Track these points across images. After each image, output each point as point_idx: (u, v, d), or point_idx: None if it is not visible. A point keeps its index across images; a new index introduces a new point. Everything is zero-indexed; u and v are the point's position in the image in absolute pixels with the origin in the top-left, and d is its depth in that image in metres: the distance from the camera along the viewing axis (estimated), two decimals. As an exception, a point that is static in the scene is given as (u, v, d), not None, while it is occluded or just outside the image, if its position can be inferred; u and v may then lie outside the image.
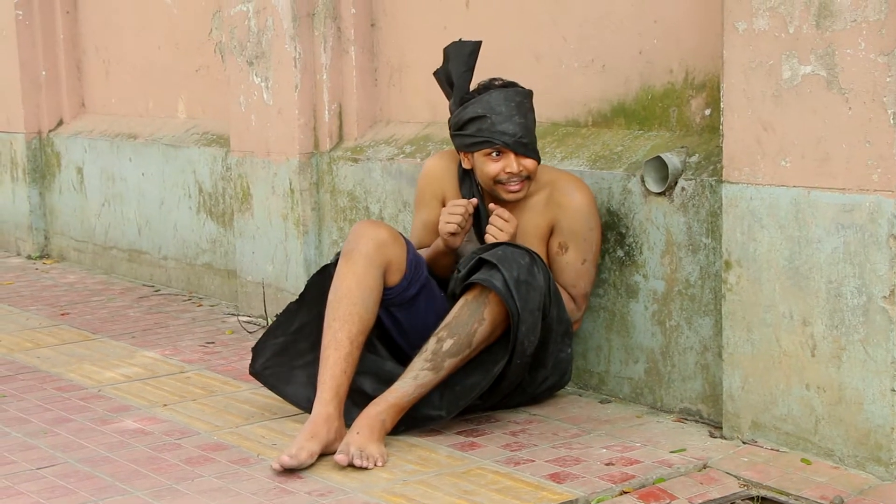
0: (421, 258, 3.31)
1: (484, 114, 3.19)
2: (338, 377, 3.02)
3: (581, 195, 3.27)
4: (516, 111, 3.20)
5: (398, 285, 3.20)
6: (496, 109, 3.18)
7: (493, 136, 3.18)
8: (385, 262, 3.16)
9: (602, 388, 3.47)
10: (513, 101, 3.20)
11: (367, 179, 4.25)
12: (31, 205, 6.37)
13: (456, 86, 3.28)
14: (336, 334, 3.06)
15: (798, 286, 2.82)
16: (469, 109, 3.21)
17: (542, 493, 2.71)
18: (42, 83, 6.28)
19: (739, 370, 2.97)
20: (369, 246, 3.13)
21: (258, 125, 4.60)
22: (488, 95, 3.21)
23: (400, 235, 3.23)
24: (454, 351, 3.03)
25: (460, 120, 3.24)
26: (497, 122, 3.18)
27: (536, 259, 3.09)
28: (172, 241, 5.37)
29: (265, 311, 4.59)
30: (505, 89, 3.23)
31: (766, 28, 2.82)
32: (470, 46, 3.29)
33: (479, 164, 3.25)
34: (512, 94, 3.22)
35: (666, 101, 3.35)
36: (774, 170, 2.84)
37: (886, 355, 2.67)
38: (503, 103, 3.19)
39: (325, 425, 2.96)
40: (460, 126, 3.24)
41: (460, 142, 3.27)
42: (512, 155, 3.20)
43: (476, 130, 3.20)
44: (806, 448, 2.85)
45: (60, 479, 2.90)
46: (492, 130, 3.18)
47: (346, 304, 3.08)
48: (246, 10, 4.58)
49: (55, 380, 3.83)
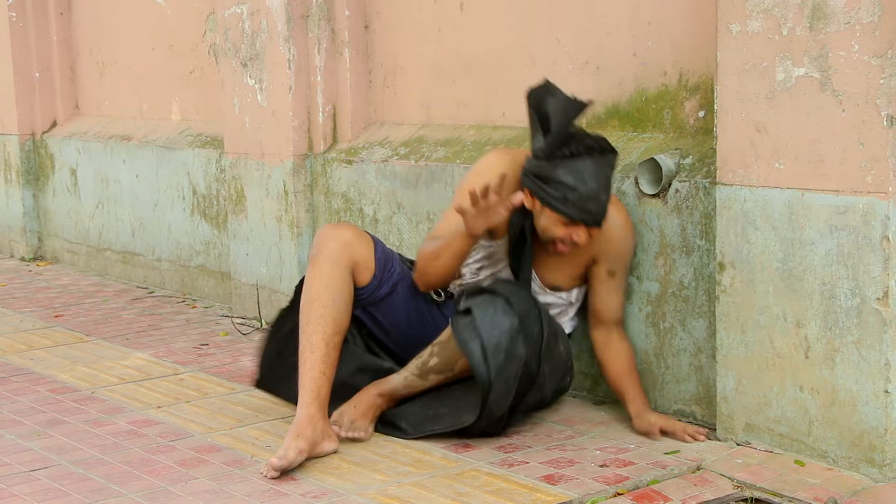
0: (392, 255, 3.29)
1: (574, 186, 2.98)
2: (317, 379, 3.06)
3: (622, 218, 3.19)
4: (604, 187, 3.02)
5: (369, 285, 3.22)
6: (587, 183, 2.98)
7: (574, 212, 3.01)
8: (351, 262, 3.17)
9: (596, 389, 3.47)
10: (603, 176, 3.01)
11: (361, 181, 4.25)
12: (24, 207, 6.36)
13: (551, 135, 3.01)
14: (311, 338, 3.10)
15: (792, 288, 2.82)
16: (559, 171, 3.00)
17: (537, 494, 2.71)
18: (36, 85, 6.27)
19: (733, 372, 2.97)
20: (333, 247, 3.15)
21: (252, 127, 4.59)
22: (582, 163, 2.99)
23: (365, 234, 3.24)
24: (438, 369, 3.14)
25: (546, 175, 3.02)
26: (583, 199, 2.99)
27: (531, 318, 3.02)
28: (166, 242, 5.37)
29: (259, 312, 4.59)
30: (599, 158, 3.01)
31: (759, 30, 2.82)
32: (579, 107, 3.06)
33: (546, 220, 3.06)
34: (605, 164, 3.02)
35: (660, 103, 3.36)
36: (768, 172, 2.84)
37: (880, 357, 2.67)
38: (594, 178, 2.99)
39: (310, 425, 2.98)
40: (542, 179, 3.03)
41: (535, 190, 3.04)
42: (584, 227, 3.06)
43: (560, 198, 3.00)
44: (800, 450, 2.85)
45: (54, 482, 2.89)
46: (576, 206, 3.00)
47: (317, 307, 3.11)
48: (240, 11, 4.57)
49: (49, 382, 3.82)
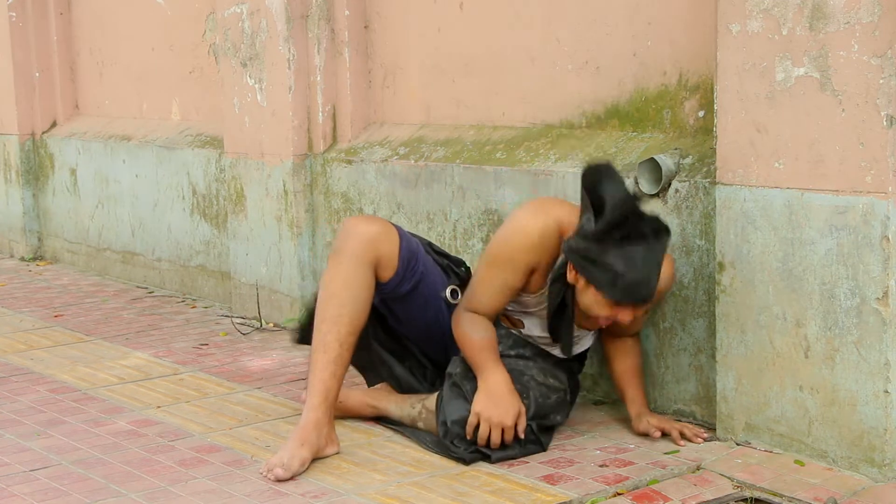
0: (417, 252, 3.19)
1: (624, 273, 2.83)
2: (326, 381, 3.00)
3: (670, 271, 3.09)
4: (654, 271, 2.87)
5: (390, 281, 3.12)
6: (639, 269, 2.84)
7: (621, 297, 2.86)
8: (374, 259, 3.07)
9: (596, 389, 3.47)
10: (654, 261, 2.87)
11: (360, 181, 4.25)
12: (24, 207, 6.36)
13: (603, 220, 2.84)
14: (325, 337, 3.02)
15: (791, 288, 2.82)
16: (609, 256, 2.83)
17: (537, 494, 2.71)
18: (36, 85, 6.27)
19: (733, 372, 2.97)
20: (358, 243, 3.06)
21: (252, 127, 4.59)
22: (634, 249, 2.83)
23: (393, 229, 3.13)
24: (426, 423, 3.15)
25: (595, 258, 2.86)
26: (633, 284, 2.84)
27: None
28: (166, 242, 5.37)
29: (259, 312, 4.59)
30: (652, 244, 2.86)
31: (759, 30, 2.82)
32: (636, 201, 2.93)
33: (591, 298, 2.92)
34: (658, 249, 2.87)
35: (660, 103, 3.36)
36: (768, 171, 2.84)
37: (880, 357, 2.67)
38: (644, 264, 2.84)
39: (315, 431, 2.95)
40: (592, 261, 2.87)
41: (581, 267, 2.89)
42: (630, 308, 2.92)
43: (609, 282, 2.85)
44: (799, 449, 2.85)
45: (54, 482, 2.89)
46: (625, 291, 2.85)
47: (334, 305, 3.03)
48: (240, 11, 4.57)
49: (49, 381, 3.82)
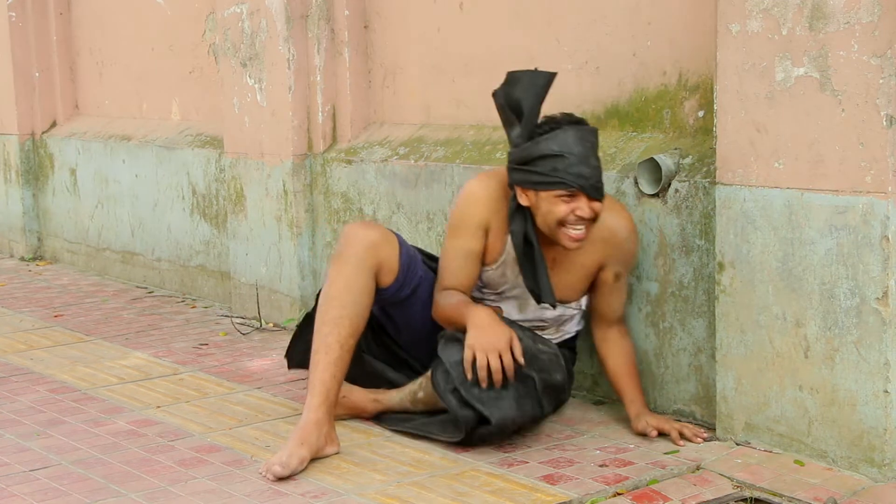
0: (416, 256, 3.26)
1: (560, 152, 2.96)
2: (327, 382, 3.02)
3: (626, 222, 3.16)
4: (591, 152, 3.00)
5: (391, 286, 3.17)
6: (573, 149, 2.97)
7: (570, 178, 2.96)
8: (376, 264, 3.12)
9: (596, 389, 3.47)
10: (588, 142, 3.00)
11: (360, 181, 4.25)
12: (24, 206, 6.36)
13: (525, 117, 3.03)
14: (326, 338, 3.05)
15: (791, 288, 2.82)
16: (542, 145, 2.98)
17: (536, 494, 2.71)
18: (35, 85, 6.28)
19: (733, 372, 2.97)
20: (359, 248, 3.10)
21: (252, 127, 4.59)
22: (563, 133, 2.98)
23: (393, 235, 3.19)
24: (425, 402, 3.18)
25: (530, 155, 3.00)
26: (573, 163, 2.96)
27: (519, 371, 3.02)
28: (166, 242, 5.37)
29: (259, 312, 4.59)
30: (579, 127, 3.02)
31: (759, 30, 2.82)
32: (545, 78, 3.07)
33: (545, 204, 3.01)
34: (587, 133, 3.01)
35: (659, 103, 3.36)
36: (768, 171, 2.84)
37: (879, 357, 2.67)
38: (579, 143, 2.98)
39: (315, 430, 2.96)
40: (528, 161, 3.00)
41: (525, 177, 3.02)
42: (584, 198, 2.99)
43: (550, 169, 2.97)
44: (799, 449, 2.85)
45: (54, 482, 2.89)
46: (569, 171, 2.96)
47: (335, 307, 3.07)
48: (240, 11, 4.57)
49: (48, 381, 3.82)
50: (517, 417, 2.98)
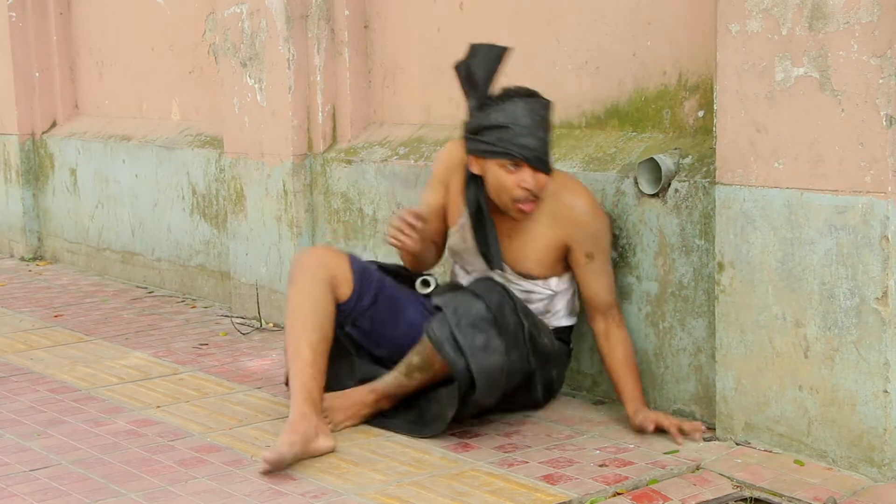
0: (368, 266, 3.37)
1: (506, 123, 3.06)
2: (307, 383, 3.09)
3: (585, 201, 3.19)
4: (539, 125, 3.09)
5: (350, 298, 3.30)
6: (519, 121, 3.06)
7: (513, 149, 3.06)
8: (329, 277, 3.26)
9: (595, 389, 3.47)
10: (537, 115, 3.09)
11: (360, 181, 4.25)
12: (24, 206, 6.36)
13: (479, 88, 3.14)
14: (297, 345, 3.15)
15: (791, 288, 2.82)
16: (491, 116, 3.09)
17: (536, 494, 2.71)
18: (35, 85, 6.27)
19: (733, 371, 2.98)
20: (310, 266, 3.26)
21: (252, 127, 4.60)
22: (512, 104, 3.08)
23: (339, 252, 3.35)
24: (420, 367, 3.16)
25: (480, 124, 3.11)
26: (519, 134, 3.06)
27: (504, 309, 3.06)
28: (166, 242, 5.37)
29: (259, 312, 4.59)
30: (529, 99, 3.10)
31: (759, 30, 2.82)
32: (498, 50, 3.15)
33: (492, 173, 3.13)
34: (536, 106, 3.10)
35: (659, 103, 3.36)
36: (767, 171, 2.84)
37: (879, 357, 2.67)
38: (527, 115, 3.08)
39: (304, 422, 3.01)
40: (478, 130, 3.12)
41: (475, 146, 3.14)
42: (528, 169, 3.09)
43: (496, 139, 3.08)
44: (799, 449, 2.86)
45: (54, 481, 2.89)
46: (513, 142, 3.06)
47: (300, 317, 3.18)
48: (239, 11, 4.58)
49: (48, 381, 3.82)
50: (504, 365, 3.01)
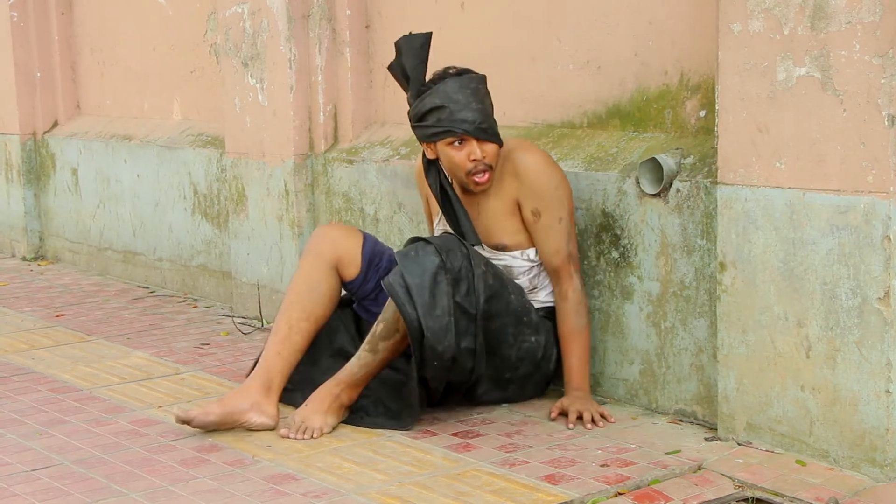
0: (384, 252, 3.43)
1: (442, 104, 3.21)
2: (270, 359, 3.24)
3: (532, 156, 3.29)
4: (473, 97, 3.23)
5: (355, 279, 3.41)
6: (453, 98, 3.21)
7: (453, 125, 3.21)
8: (335, 258, 3.36)
9: (597, 389, 3.47)
10: (468, 88, 3.23)
11: (362, 181, 4.25)
12: (25, 206, 6.36)
13: (411, 78, 3.29)
14: (277, 323, 3.31)
15: (793, 287, 2.82)
16: (427, 100, 3.24)
17: (538, 494, 2.71)
18: (37, 84, 6.27)
19: (734, 371, 2.97)
20: (320, 244, 3.38)
21: (253, 126, 4.60)
22: (444, 85, 3.23)
23: (356, 232, 3.42)
24: (384, 335, 3.16)
25: (419, 111, 3.26)
26: (456, 111, 3.21)
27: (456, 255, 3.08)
28: (167, 242, 5.37)
29: (260, 312, 4.59)
30: (459, 77, 3.25)
31: (760, 30, 2.82)
32: (420, 39, 3.29)
33: (443, 153, 3.28)
34: (467, 80, 3.24)
35: (661, 103, 3.36)
36: (769, 171, 2.84)
37: (881, 357, 2.67)
38: (459, 91, 3.22)
39: (239, 395, 3.17)
40: (420, 117, 3.27)
41: (421, 133, 3.29)
42: (474, 141, 3.23)
43: (436, 120, 3.23)
44: (801, 449, 2.85)
45: (55, 481, 2.89)
46: (451, 119, 3.21)
47: (290, 295, 3.33)
48: (241, 11, 4.58)
49: (50, 381, 3.82)
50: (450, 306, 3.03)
